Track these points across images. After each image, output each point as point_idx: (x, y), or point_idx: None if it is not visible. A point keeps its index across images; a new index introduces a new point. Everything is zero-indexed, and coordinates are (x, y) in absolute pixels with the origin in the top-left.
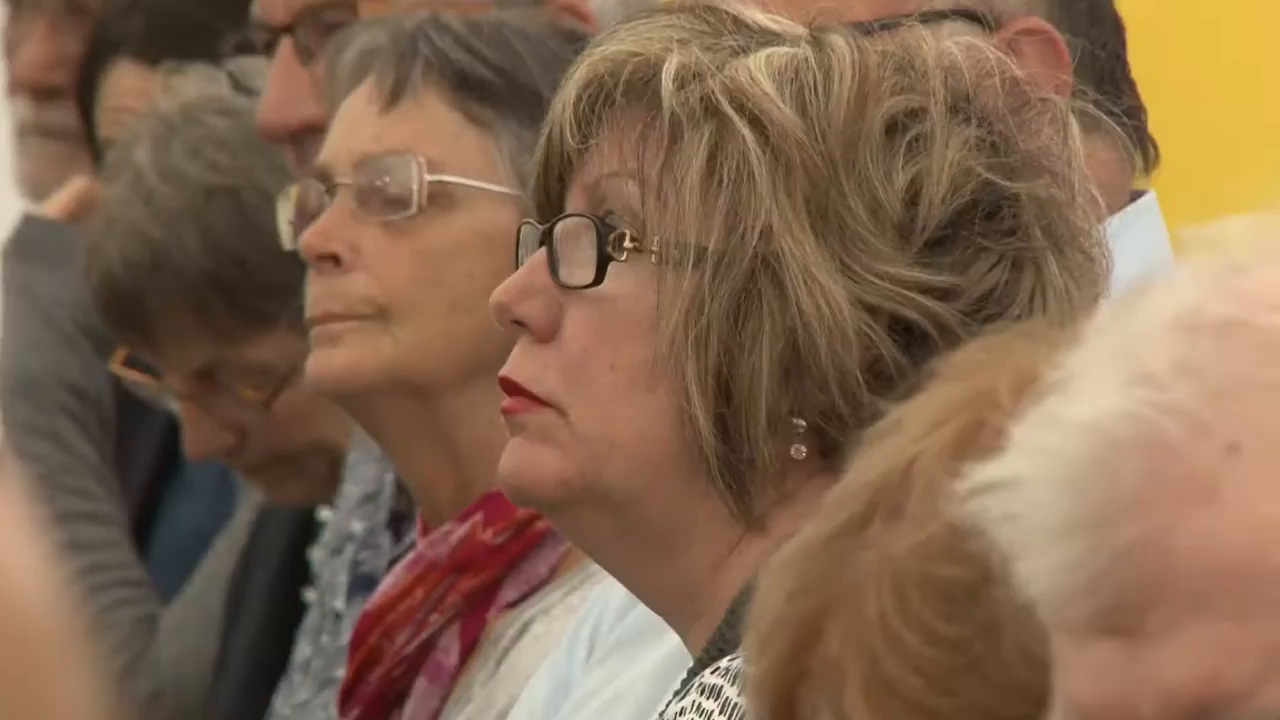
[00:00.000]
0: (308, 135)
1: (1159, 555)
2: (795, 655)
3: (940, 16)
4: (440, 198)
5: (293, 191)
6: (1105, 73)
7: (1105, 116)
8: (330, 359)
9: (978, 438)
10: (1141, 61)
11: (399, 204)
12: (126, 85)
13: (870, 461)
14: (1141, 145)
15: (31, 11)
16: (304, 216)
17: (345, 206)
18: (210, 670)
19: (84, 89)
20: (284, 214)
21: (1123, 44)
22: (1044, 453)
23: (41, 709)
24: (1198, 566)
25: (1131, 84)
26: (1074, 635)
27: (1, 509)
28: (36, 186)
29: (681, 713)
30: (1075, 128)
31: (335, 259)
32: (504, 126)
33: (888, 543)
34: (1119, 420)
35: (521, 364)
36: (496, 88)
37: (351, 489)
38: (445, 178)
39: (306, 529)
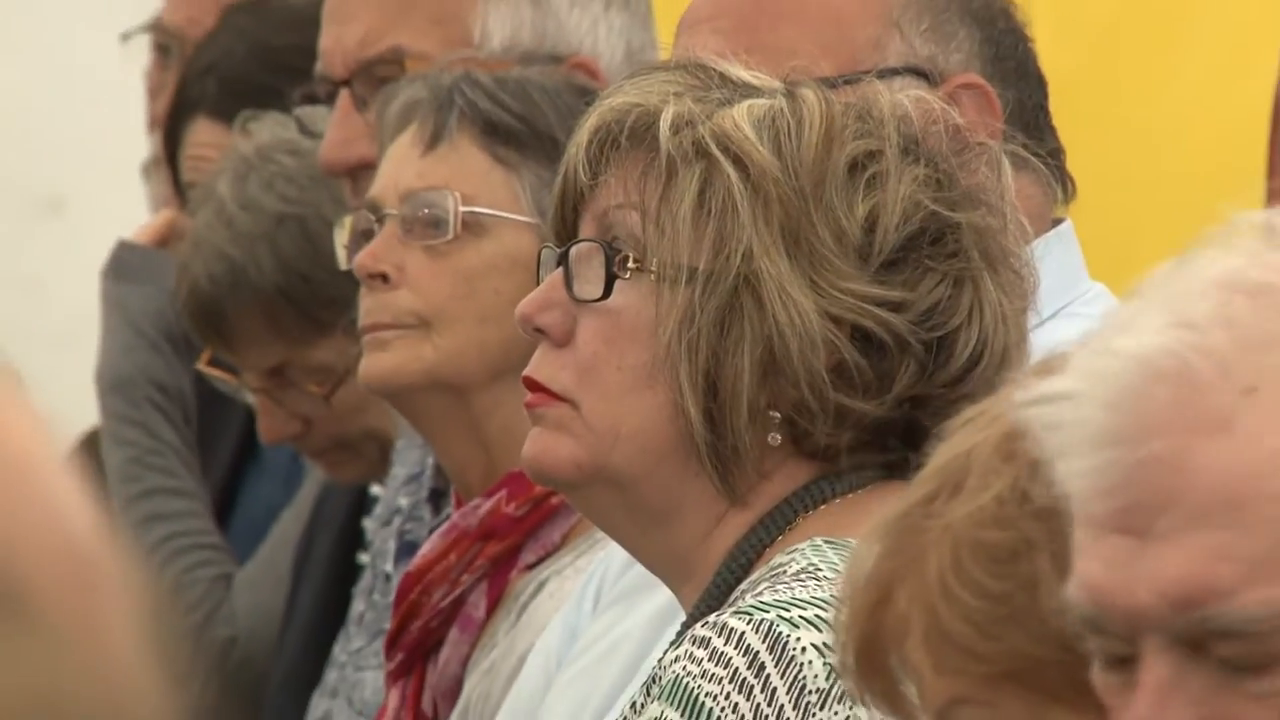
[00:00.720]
0: (362, 172)
1: (1174, 471)
2: (873, 610)
3: (893, 73)
4: (473, 226)
5: (348, 220)
6: (1031, 121)
7: (1031, 157)
8: (379, 362)
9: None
10: (1060, 111)
11: (438, 231)
12: (203, 138)
13: (943, 450)
14: (1061, 181)
15: (176, 62)
16: (357, 241)
17: (392, 233)
18: (279, 622)
19: (169, 140)
20: (340, 239)
21: (1045, 97)
22: (1092, 374)
23: (93, 627)
24: (1206, 483)
25: (1052, 130)
26: (1094, 528)
27: (56, 461)
28: (164, 205)
29: (676, 659)
30: (1006, 167)
31: (384, 277)
32: (526, 166)
33: (947, 513)
34: (1158, 354)
35: (541, 365)
36: (519, 133)
37: (398, 470)
38: (477, 209)
39: (361, 503)
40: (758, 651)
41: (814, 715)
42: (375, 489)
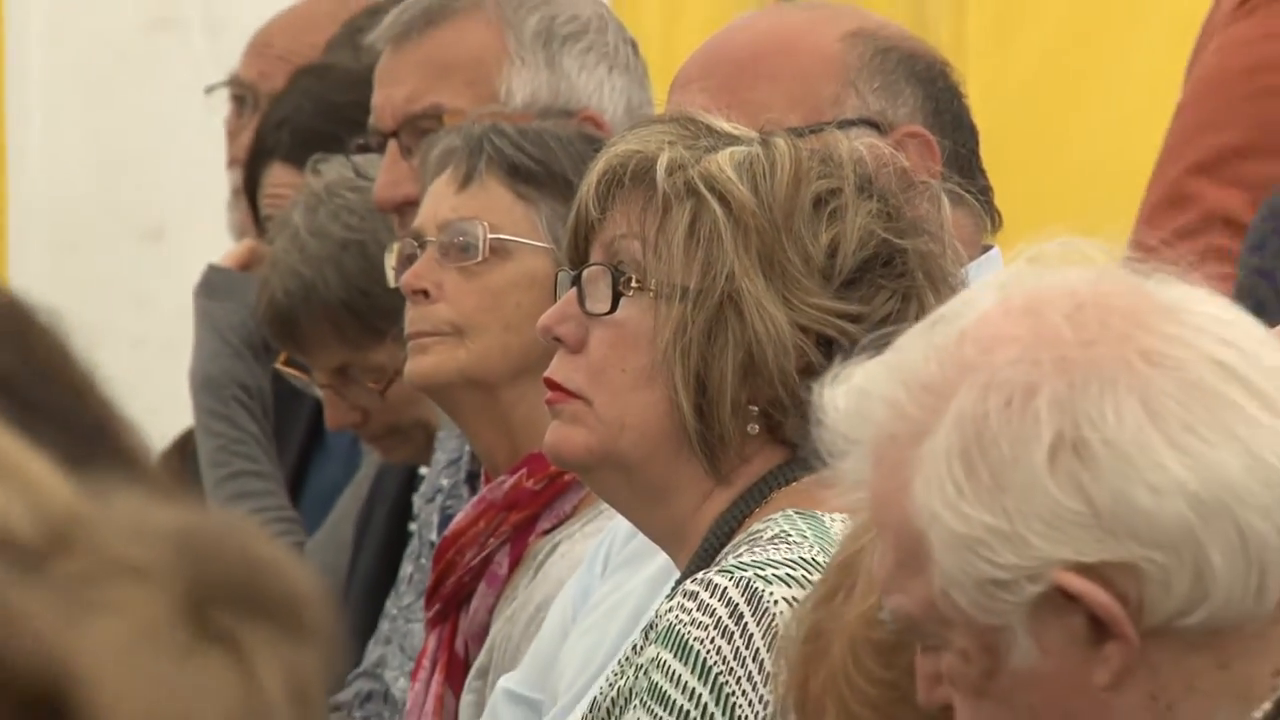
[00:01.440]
0: (407, 208)
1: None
2: (798, 685)
3: (850, 124)
4: (499, 250)
5: (396, 246)
6: (964, 164)
7: (965, 194)
8: (421, 363)
9: None
10: (989, 155)
11: (469, 254)
12: (278, 180)
13: (842, 546)
14: (990, 214)
15: (250, 110)
16: (403, 263)
17: (432, 256)
18: (343, 582)
19: (249, 180)
20: (390, 261)
21: (976, 144)
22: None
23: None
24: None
25: (982, 171)
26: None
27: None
28: (242, 233)
29: (670, 610)
30: (945, 202)
31: (425, 293)
32: (543, 201)
33: (844, 613)
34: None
35: (559, 368)
36: (538, 174)
37: (440, 455)
38: (502, 236)
39: (411, 481)
40: (738, 603)
41: None
42: (423, 470)
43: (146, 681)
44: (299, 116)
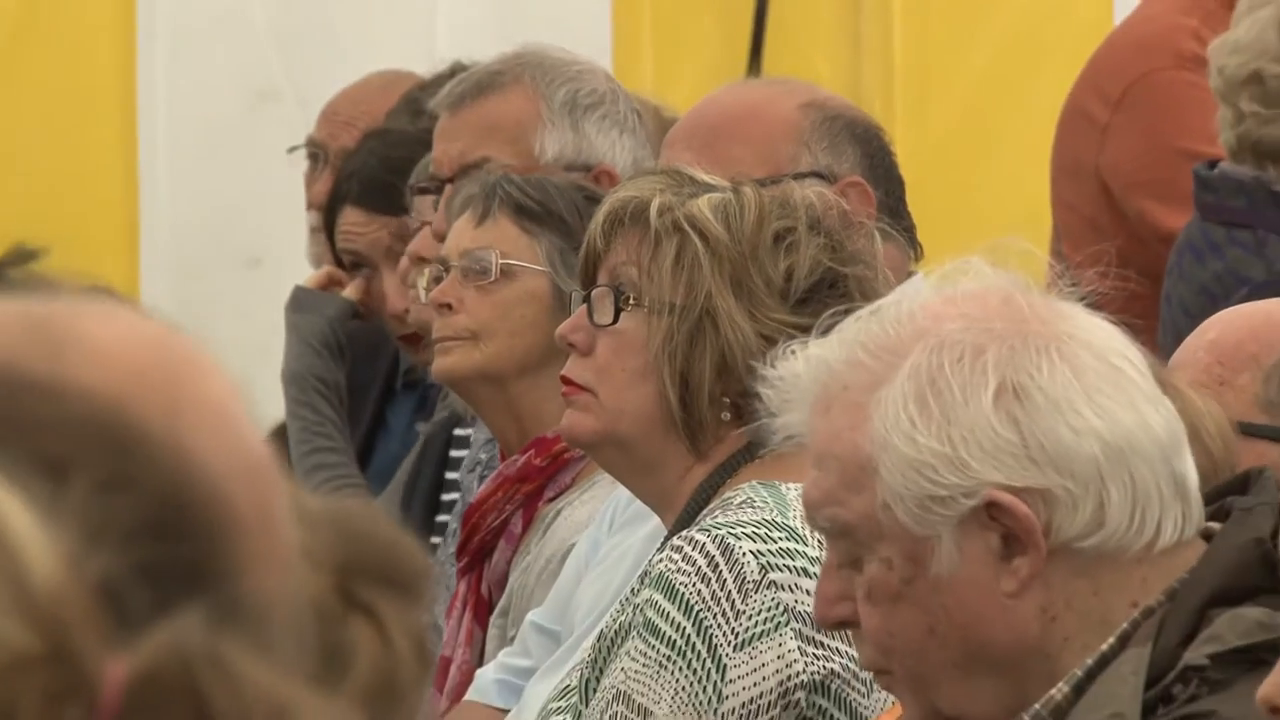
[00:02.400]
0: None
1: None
2: None
3: (803, 175)
4: (507, 272)
5: (427, 270)
6: (893, 207)
7: (894, 232)
8: (444, 362)
9: None
10: (913, 200)
11: (484, 275)
12: (350, 220)
13: None
14: (913, 247)
15: (322, 164)
16: (433, 283)
17: (455, 277)
18: None
19: (328, 220)
20: (421, 283)
21: (903, 191)
22: (798, 371)
23: (272, 523)
24: (814, 444)
25: (908, 213)
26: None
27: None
28: (320, 261)
29: (660, 560)
30: (877, 238)
31: (449, 306)
32: (543, 235)
33: None
34: (821, 361)
35: (572, 368)
36: (539, 214)
37: (480, 435)
38: (510, 262)
39: (449, 445)
40: (714, 555)
41: (750, 596)
42: (461, 452)
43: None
44: (366, 169)
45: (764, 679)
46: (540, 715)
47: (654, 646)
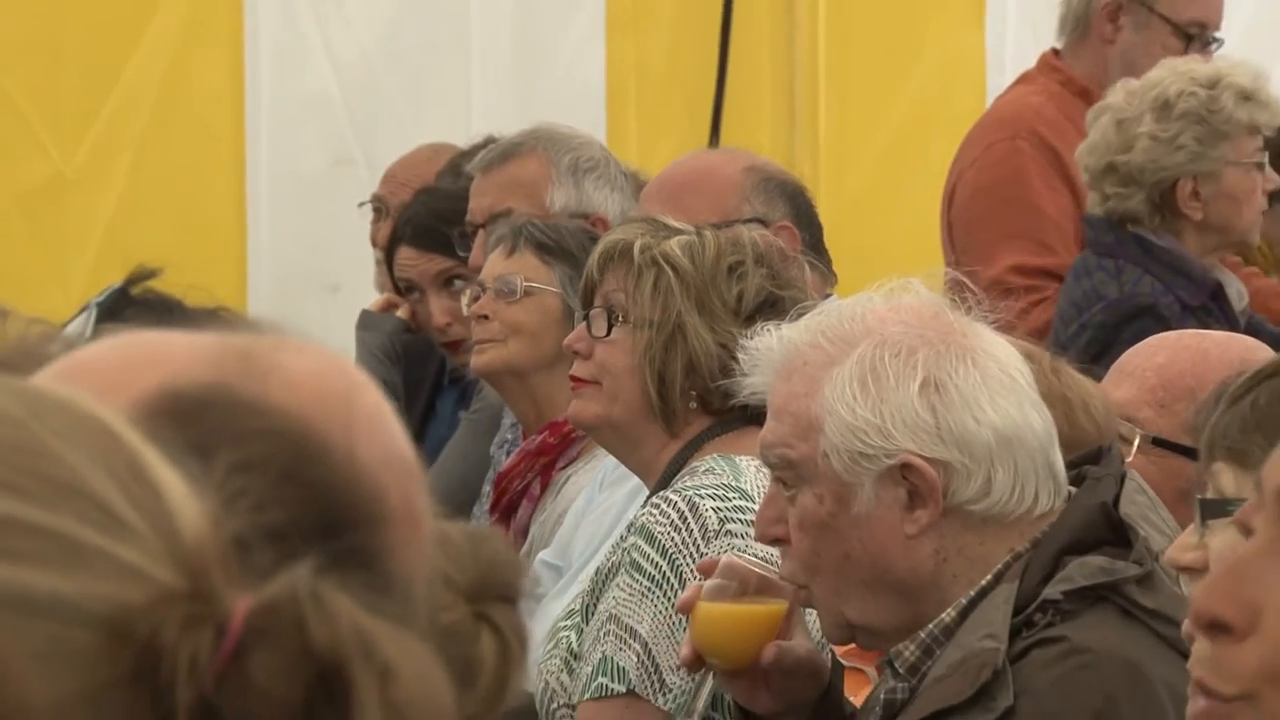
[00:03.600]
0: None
1: (771, 396)
2: None
3: (746, 220)
4: (528, 292)
5: (469, 290)
6: (815, 245)
7: (816, 264)
8: (481, 359)
9: None
10: (830, 240)
11: (511, 294)
12: (406, 256)
13: None
14: (830, 276)
15: (385, 215)
16: (473, 300)
17: (490, 296)
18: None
19: (389, 256)
20: (465, 300)
21: (822, 233)
22: (766, 350)
23: (414, 510)
24: (773, 404)
25: (826, 250)
26: None
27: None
28: (382, 289)
29: (641, 515)
30: (806, 268)
31: (485, 317)
32: (556, 264)
33: None
34: (791, 343)
35: (578, 368)
36: (554, 249)
37: (507, 420)
38: (530, 284)
39: (491, 433)
40: (684, 510)
41: (711, 542)
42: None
43: (427, 664)
44: (417, 217)
45: None
46: (550, 631)
47: (638, 580)
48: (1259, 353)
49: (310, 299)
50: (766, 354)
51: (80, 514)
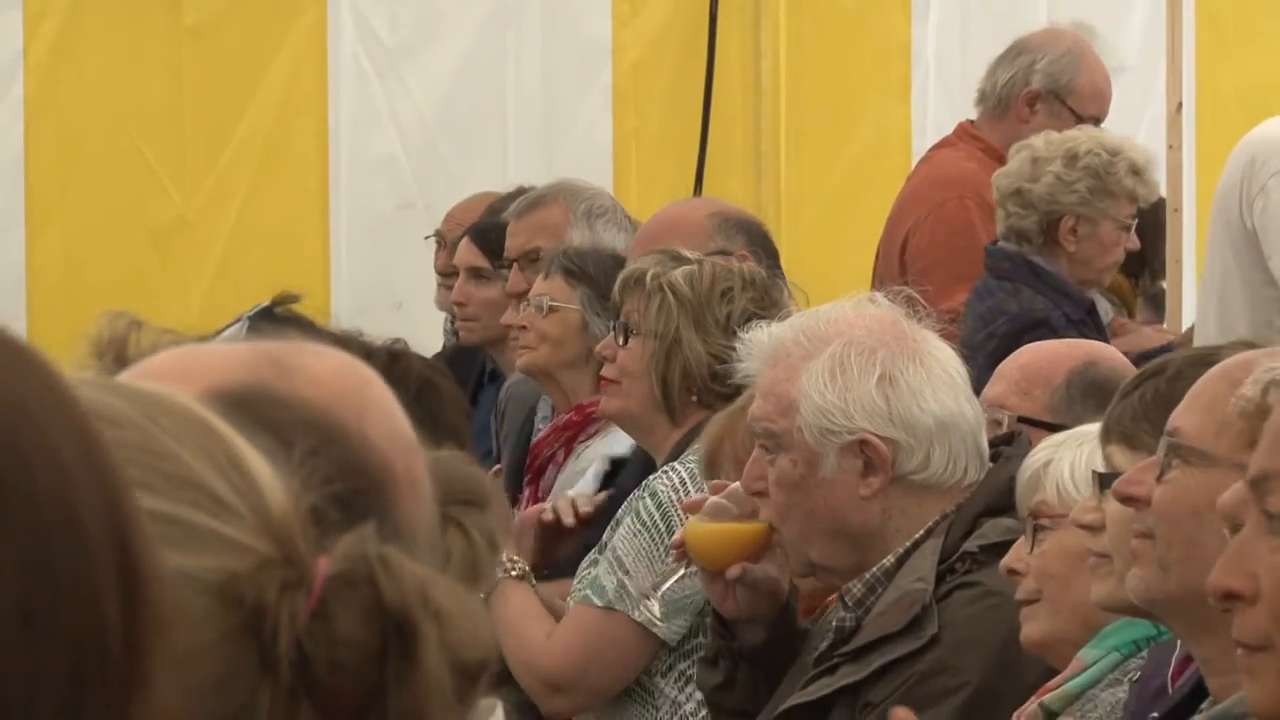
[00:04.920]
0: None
1: (765, 381)
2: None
3: (713, 253)
4: (554, 309)
5: (511, 306)
6: (772, 267)
7: (777, 283)
8: (521, 361)
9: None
10: (789, 268)
11: (541, 311)
12: (462, 247)
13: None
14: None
15: (443, 247)
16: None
17: (531, 310)
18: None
19: (446, 279)
20: (509, 316)
21: (779, 260)
22: (758, 343)
23: (415, 477)
24: (762, 387)
25: (783, 273)
26: None
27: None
28: (442, 308)
29: (653, 479)
30: (786, 290)
31: (524, 327)
32: (579, 286)
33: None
34: (778, 338)
35: (606, 369)
36: (578, 273)
37: (544, 405)
38: (555, 303)
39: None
40: (684, 476)
41: (702, 487)
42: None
43: (471, 605)
44: (482, 226)
45: None
46: (579, 569)
47: (635, 524)
48: (1103, 352)
49: (380, 315)
50: (758, 346)
51: (194, 502)
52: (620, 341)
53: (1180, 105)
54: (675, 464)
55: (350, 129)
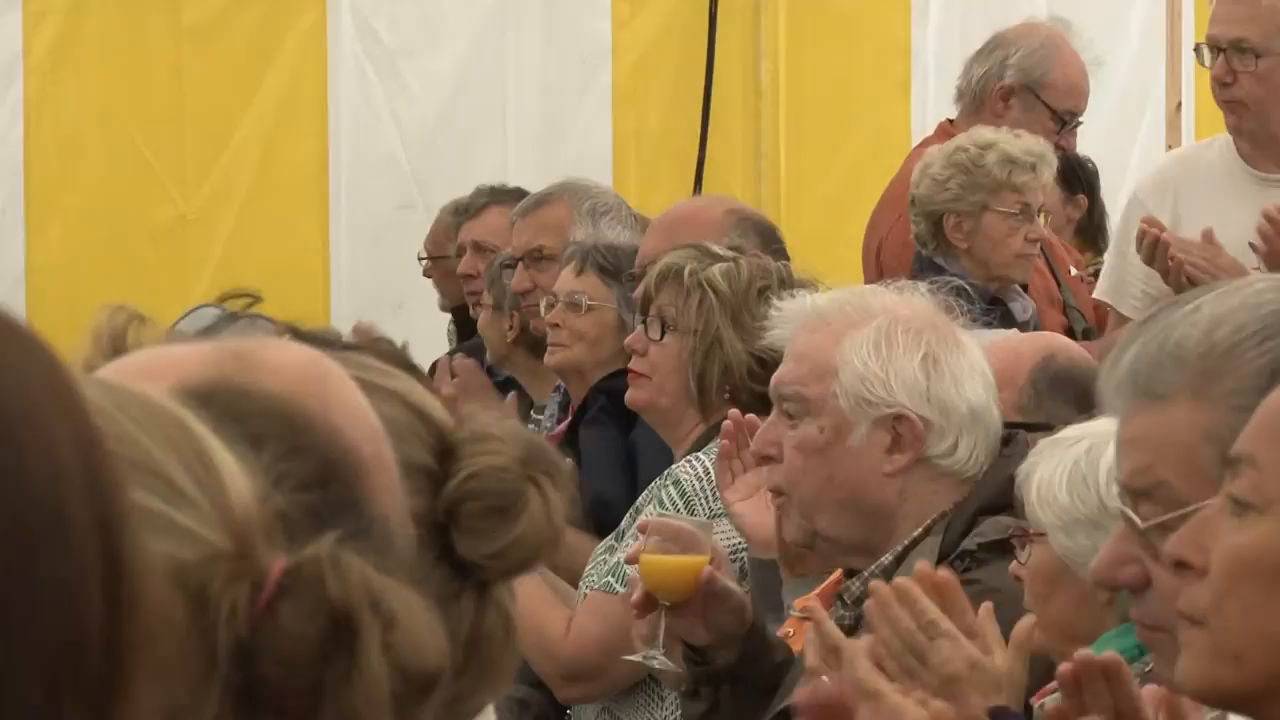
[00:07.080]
0: (534, 291)
1: (792, 343)
2: None
3: (729, 249)
4: (589, 306)
5: (544, 301)
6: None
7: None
8: (553, 357)
9: None
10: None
11: (579, 309)
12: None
13: None
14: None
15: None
16: (548, 309)
17: (562, 307)
18: None
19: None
20: (543, 310)
21: (787, 255)
22: (795, 309)
23: (384, 465)
24: (796, 350)
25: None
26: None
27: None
28: (442, 309)
29: (677, 468)
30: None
31: (557, 324)
32: (614, 283)
33: None
34: (819, 306)
35: (636, 363)
36: (612, 270)
37: (552, 404)
38: (593, 302)
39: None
40: (707, 465)
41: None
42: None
43: (424, 614)
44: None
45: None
46: (592, 555)
47: (659, 510)
48: (1056, 343)
49: (380, 315)
50: (796, 312)
51: (149, 487)
52: (654, 336)
53: (1180, 105)
54: (699, 454)
55: (350, 129)
